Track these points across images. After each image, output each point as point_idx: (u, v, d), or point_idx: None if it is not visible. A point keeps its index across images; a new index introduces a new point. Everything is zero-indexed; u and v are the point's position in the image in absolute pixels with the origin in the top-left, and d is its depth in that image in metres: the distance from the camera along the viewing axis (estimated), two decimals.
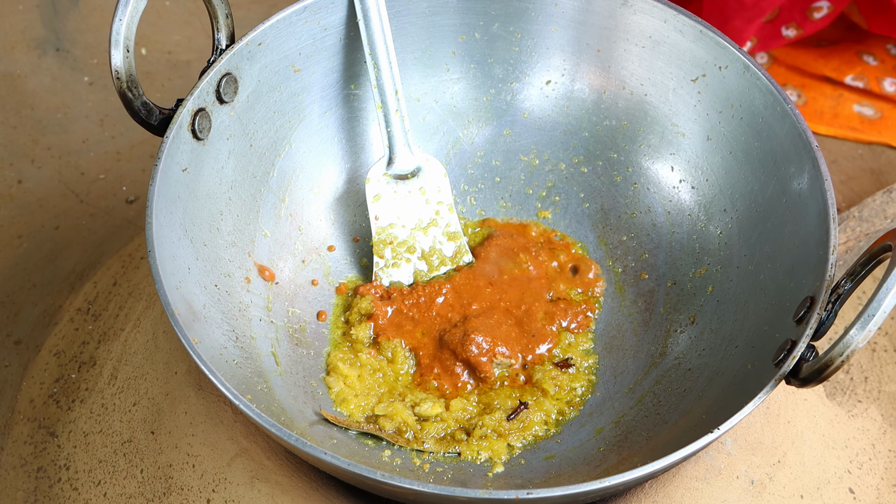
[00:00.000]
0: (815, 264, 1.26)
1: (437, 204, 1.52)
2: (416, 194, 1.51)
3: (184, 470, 1.36)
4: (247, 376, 1.32)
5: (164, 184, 1.30)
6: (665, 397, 1.38)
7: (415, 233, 1.51)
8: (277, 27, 1.42)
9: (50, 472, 1.42)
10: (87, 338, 1.53)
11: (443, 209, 1.52)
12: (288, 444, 1.15)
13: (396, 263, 1.51)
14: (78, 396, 1.47)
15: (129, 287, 1.57)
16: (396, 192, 1.50)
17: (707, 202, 1.47)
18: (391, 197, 1.50)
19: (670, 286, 1.47)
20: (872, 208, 1.61)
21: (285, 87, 1.46)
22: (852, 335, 1.13)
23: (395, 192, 1.50)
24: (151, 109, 1.33)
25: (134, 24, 1.29)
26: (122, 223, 1.73)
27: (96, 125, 1.86)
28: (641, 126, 1.51)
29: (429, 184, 1.51)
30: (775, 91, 1.37)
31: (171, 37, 1.99)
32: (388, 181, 1.50)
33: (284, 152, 1.48)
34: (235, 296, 1.39)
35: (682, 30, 1.44)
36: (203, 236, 1.36)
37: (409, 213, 1.51)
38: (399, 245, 1.51)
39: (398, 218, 1.51)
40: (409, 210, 1.51)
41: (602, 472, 1.31)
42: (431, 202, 1.52)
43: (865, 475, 1.42)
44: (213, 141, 1.38)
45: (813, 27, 1.83)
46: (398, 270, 1.51)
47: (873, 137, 1.85)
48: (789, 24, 1.83)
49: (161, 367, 1.44)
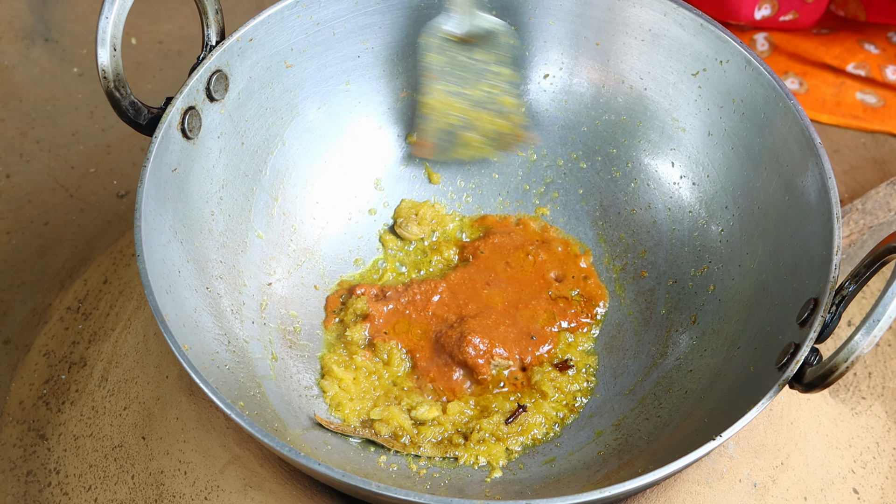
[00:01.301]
0: (819, 265, 1.24)
1: (499, 76, 1.45)
2: (475, 62, 1.44)
3: (175, 477, 1.34)
4: (239, 381, 1.30)
5: (153, 185, 1.28)
6: (666, 399, 1.36)
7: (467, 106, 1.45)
8: (269, 22, 1.40)
9: (40, 475, 1.41)
10: (78, 337, 1.51)
11: (504, 83, 1.45)
12: (281, 453, 1.14)
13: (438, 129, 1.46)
14: (68, 398, 1.45)
15: (119, 285, 1.55)
16: (455, 55, 1.43)
17: (708, 199, 1.45)
18: (448, 60, 1.44)
19: (671, 284, 1.45)
20: (876, 200, 1.59)
21: (277, 83, 1.44)
22: (857, 340, 1.11)
23: (453, 55, 1.43)
24: (140, 109, 1.31)
25: (121, 21, 1.26)
26: (112, 218, 1.71)
27: (86, 117, 1.84)
28: (641, 121, 1.49)
29: (494, 53, 1.43)
30: (777, 86, 1.35)
31: (162, 26, 1.97)
32: (447, 42, 1.42)
33: (277, 150, 1.46)
34: (227, 298, 1.37)
35: (682, 23, 1.42)
36: (194, 238, 1.34)
37: (466, 82, 1.45)
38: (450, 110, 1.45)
39: (451, 83, 1.44)
40: (466, 78, 1.44)
41: (602, 477, 1.29)
42: (492, 74, 1.45)
43: (870, 474, 1.41)
44: (204, 140, 1.36)
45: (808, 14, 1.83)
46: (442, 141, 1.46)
47: (876, 126, 1.83)
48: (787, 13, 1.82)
49: (152, 371, 1.42)
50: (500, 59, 1.47)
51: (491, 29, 1.45)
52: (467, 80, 1.46)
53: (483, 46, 1.45)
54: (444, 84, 1.45)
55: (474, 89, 1.47)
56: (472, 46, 1.44)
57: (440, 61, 1.46)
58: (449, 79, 1.46)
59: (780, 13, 1.82)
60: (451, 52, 1.44)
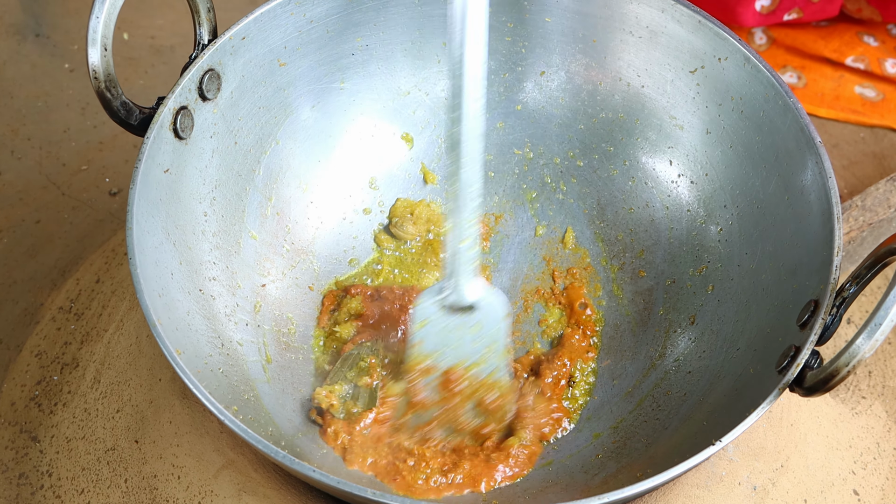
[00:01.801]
0: (819, 266, 1.23)
1: (488, 347, 1.34)
2: (467, 330, 1.33)
3: (169, 481, 1.33)
4: (233, 385, 1.29)
5: (146, 186, 1.26)
6: (665, 401, 1.35)
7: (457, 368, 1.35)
8: (262, 20, 1.38)
9: (32, 478, 1.40)
10: (70, 338, 1.50)
11: (492, 354, 1.35)
12: (275, 460, 1.12)
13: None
14: (60, 400, 1.44)
15: (112, 285, 1.54)
16: (446, 323, 1.32)
17: (707, 198, 1.44)
18: (439, 327, 1.33)
19: (669, 285, 1.44)
20: (876, 197, 1.58)
21: (270, 81, 1.42)
22: (859, 344, 1.10)
23: (444, 323, 1.32)
24: (131, 109, 1.29)
25: (112, 21, 1.25)
26: (104, 216, 1.70)
27: (78, 114, 1.83)
28: (639, 118, 1.48)
29: (485, 322, 1.33)
30: (777, 84, 1.33)
31: (155, 21, 1.96)
32: (440, 310, 1.32)
33: (270, 149, 1.44)
34: (221, 300, 1.35)
35: (680, 20, 1.40)
36: (187, 239, 1.33)
37: (456, 349, 1.34)
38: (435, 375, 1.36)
39: (442, 350, 1.34)
40: (456, 345, 1.34)
41: (600, 481, 1.28)
42: (482, 342, 1.34)
43: (870, 475, 1.40)
44: (196, 140, 1.34)
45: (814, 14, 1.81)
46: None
47: (875, 120, 1.82)
48: (790, 10, 1.80)
49: (145, 374, 1.41)
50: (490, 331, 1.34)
51: (482, 303, 1.32)
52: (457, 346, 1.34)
53: (475, 315, 1.33)
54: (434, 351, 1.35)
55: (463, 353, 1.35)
56: (464, 315, 1.33)
57: (430, 330, 1.34)
58: (440, 346, 1.34)
59: (781, 10, 1.81)
60: (442, 321, 1.33)
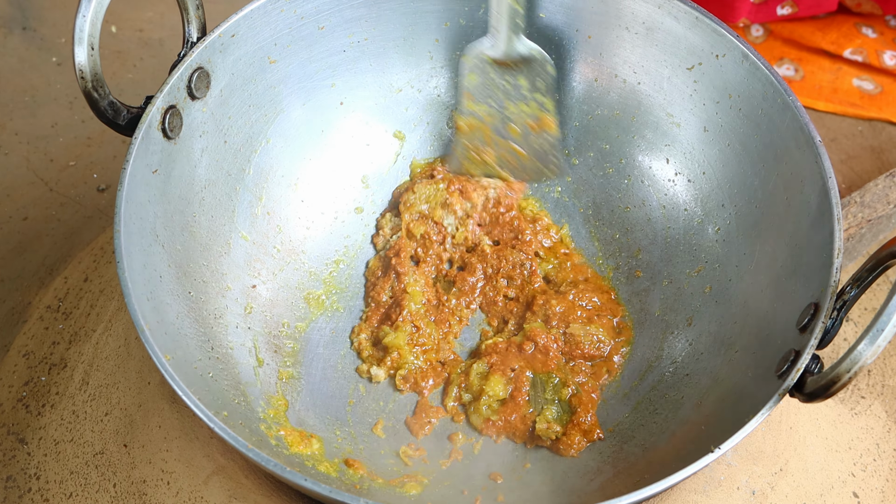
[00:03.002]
0: (819, 267, 1.21)
1: (535, 102, 1.44)
2: (513, 86, 1.44)
3: (158, 486, 1.31)
4: (223, 390, 1.27)
5: (133, 187, 1.24)
6: (662, 405, 1.34)
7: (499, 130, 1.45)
8: (251, 17, 1.37)
9: (20, 481, 1.38)
10: (58, 338, 1.48)
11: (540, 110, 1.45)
12: (266, 468, 1.11)
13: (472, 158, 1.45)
14: (48, 401, 1.42)
15: (100, 284, 1.52)
16: (493, 78, 1.43)
17: (704, 197, 1.42)
18: (486, 82, 1.43)
19: (666, 285, 1.43)
20: (874, 193, 1.56)
21: (261, 79, 1.41)
22: (861, 350, 1.08)
23: (491, 77, 1.43)
24: (119, 109, 1.27)
25: (99, 19, 1.23)
26: (93, 213, 1.68)
27: (65, 108, 1.81)
28: (635, 116, 1.47)
29: (531, 79, 1.43)
30: (775, 81, 1.32)
31: (143, 13, 1.94)
32: (486, 64, 1.43)
33: (261, 148, 1.43)
34: (211, 303, 1.34)
35: (677, 16, 1.38)
36: (176, 241, 1.31)
37: (503, 105, 1.44)
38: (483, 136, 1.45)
39: (489, 106, 1.45)
40: (503, 102, 1.44)
41: (597, 486, 1.27)
42: (529, 99, 1.44)
43: (870, 477, 1.39)
44: (185, 139, 1.33)
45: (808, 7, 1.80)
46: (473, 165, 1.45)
47: (873, 113, 1.81)
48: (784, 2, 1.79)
49: (133, 377, 1.39)
50: (536, 85, 1.45)
51: (529, 56, 1.43)
52: (502, 102, 1.45)
53: (521, 72, 1.43)
54: (479, 105, 1.44)
55: (508, 111, 1.45)
56: (510, 70, 1.43)
57: (477, 82, 1.44)
58: (485, 100, 1.44)
59: (775, 2, 1.79)
60: (489, 74, 1.43)
